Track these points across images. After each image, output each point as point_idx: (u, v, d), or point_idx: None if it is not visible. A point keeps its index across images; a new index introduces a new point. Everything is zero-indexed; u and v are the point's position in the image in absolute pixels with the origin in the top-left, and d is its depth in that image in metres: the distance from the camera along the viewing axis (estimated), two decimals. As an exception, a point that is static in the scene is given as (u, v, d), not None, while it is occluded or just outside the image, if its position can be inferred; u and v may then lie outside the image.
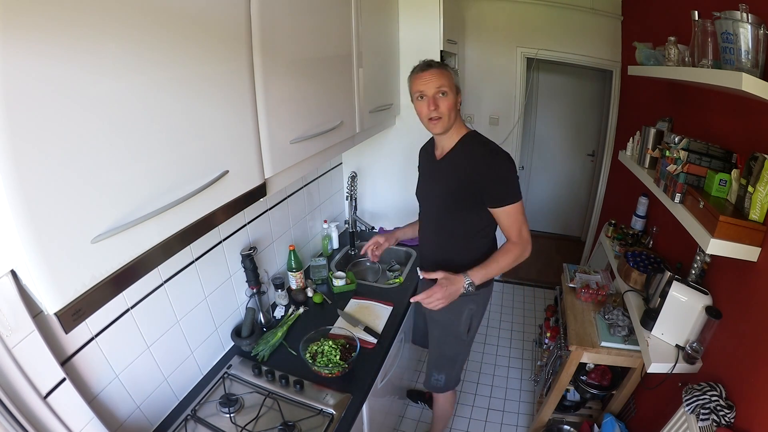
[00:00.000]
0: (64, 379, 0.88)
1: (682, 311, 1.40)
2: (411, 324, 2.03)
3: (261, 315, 1.59)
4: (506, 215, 1.38)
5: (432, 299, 1.34)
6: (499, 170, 1.35)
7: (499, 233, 1.49)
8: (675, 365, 1.38)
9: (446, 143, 1.45)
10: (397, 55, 2.04)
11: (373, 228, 2.40)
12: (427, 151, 1.58)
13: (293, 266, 1.77)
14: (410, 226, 1.78)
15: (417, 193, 1.63)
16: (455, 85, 1.37)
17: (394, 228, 1.84)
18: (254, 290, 1.55)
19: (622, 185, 2.69)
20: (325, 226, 2.17)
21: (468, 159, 1.39)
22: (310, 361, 1.39)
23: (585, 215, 4.19)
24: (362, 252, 1.73)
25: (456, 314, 1.57)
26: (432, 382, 1.74)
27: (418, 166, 1.65)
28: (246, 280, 1.54)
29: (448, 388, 1.77)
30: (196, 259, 1.32)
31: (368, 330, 1.62)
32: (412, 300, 1.41)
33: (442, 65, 1.38)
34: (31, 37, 0.50)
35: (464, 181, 1.39)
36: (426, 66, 1.36)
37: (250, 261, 1.51)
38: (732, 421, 1.14)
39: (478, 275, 1.38)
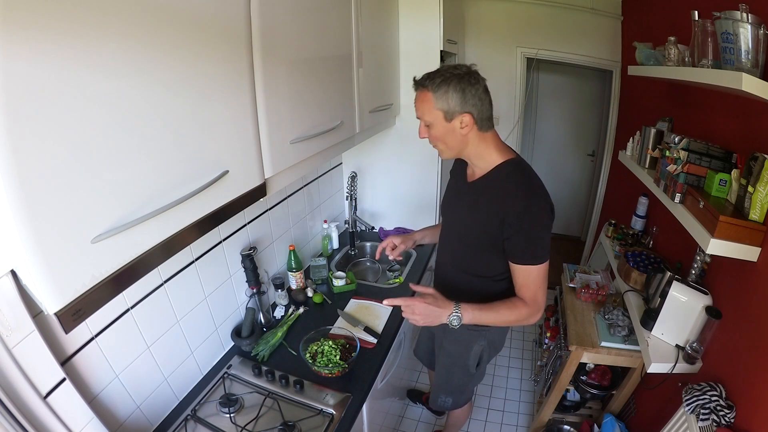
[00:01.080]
0: (64, 379, 0.88)
1: (682, 311, 1.40)
2: (411, 327, 2.03)
3: (261, 315, 1.59)
4: (524, 274, 1.19)
5: (408, 312, 1.17)
6: (532, 224, 1.13)
7: None
8: (675, 365, 1.38)
9: (477, 167, 1.25)
10: (397, 55, 2.04)
11: (373, 228, 2.40)
12: (462, 165, 1.35)
13: (293, 266, 1.77)
14: (430, 230, 1.63)
15: (441, 208, 1.47)
16: (440, 109, 1.11)
17: (411, 231, 1.69)
18: (254, 290, 1.55)
19: (622, 185, 2.69)
20: (325, 226, 2.17)
21: (499, 197, 1.17)
22: (310, 361, 1.39)
23: (585, 215, 4.19)
24: (377, 255, 1.59)
25: (465, 347, 1.47)
26: (439, 403, 1.66)
27: (450, 174, 1.45)
28: (246, 280, 1.54)
29: (457, 407, 1.70)
30: (196, 259, 1.32)
31: (368, 330, 1.62)
32: (386, 303, 1.21)
33: (421, 84, 1.13)
34: (32, 36, 0.50)
35: (488, 221, 1.19)
36: (414, 85, 1.16)
37: (250, 261, 1.51)
38: (732, 421, 1.14)
39: (469, 313, 1.17)
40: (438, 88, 1.11)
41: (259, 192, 1.01)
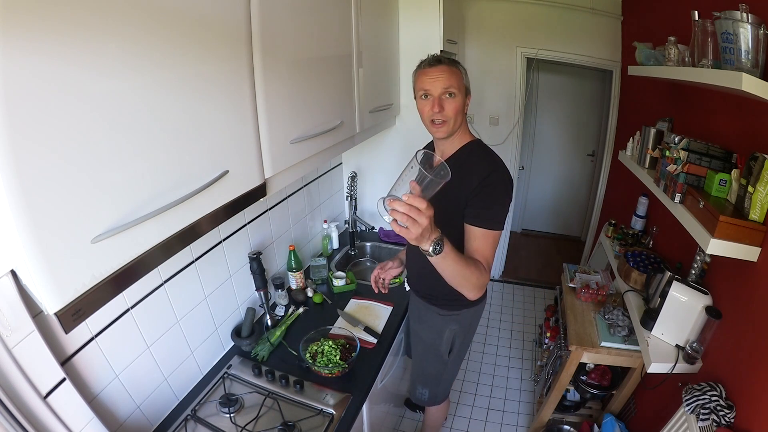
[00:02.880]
0: (64, 379, 0.88)
1: (682, 311, 1.40)
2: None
3: (268, 317, 1.60)
4: (482, 238, 1.19)
5: (403, 216, 0.86)
6: (495, 188, 1.20)
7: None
8: (675, 365, 1.38)
9: (447, 149, 1.33)
10: (397, 55, 2.04)
11: (372, 228, 2.40)
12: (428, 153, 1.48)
13: (293, 266, 1.77)
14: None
15: None
16: (465, 85, 1.25)
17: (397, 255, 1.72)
18: (261, 293, 1.54)
19: (622, 185, 2.69)
20: (325, 226, 2.17)
21: (465, 171, 1.24)
22: (310, 361, 1.39)
23: (585, 215, 4.19)
24: (375, 290, 1.65)
25: (437, 333, 1.52)
26: (417, 395, 1.71)
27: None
28: (254, 283, 1.54)
29: (434, 403, 1.73)
30: (196, 259, 1.32)
31: (368, 330, 1.62)
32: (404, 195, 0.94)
33: (452, 62, 1.25)
34: (32, 36, 0.50)
35: (455, 195, 1.22)
36: (434, 61, 1.23)
37: (257, 264, 1.50)
38: (732, 421, 1.14)
39: (450, 250, 1.01)
40: (464, 69, 1.28)
41: (259, 192, 1.01)
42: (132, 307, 1.10)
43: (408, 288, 1.42)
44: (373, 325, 1.65)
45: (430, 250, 0.98)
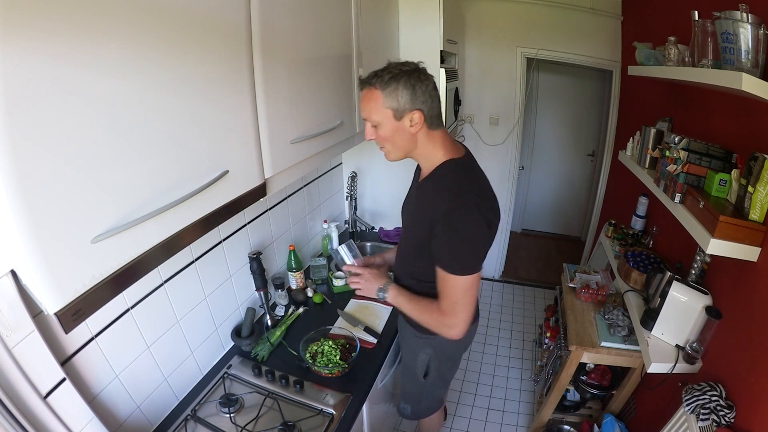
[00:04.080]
0: (64, 379, 0.88)
1: (682, 311, 1.40)
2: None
3: (268, 317, 1.60)
4: (443, 282, 1.11)
5: (354, 279, 1.33)
6: (458, 227, 1.06)
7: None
8: (675, 365, 1.38)
9: (425, 167, 1.20)
10: (397, 55, 2.04)
11: (373, 228, 2.40)
12: (418, 167, 1.31)
13: (293, 266, 1.77)
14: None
15: (402, 208, 1.40)
16: (390, 108, 1.06)
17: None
18: (261, 293, 1.54)
19: (622, 185, 2.69)
20: (325, 226, 2.17)
21: (431, 197, 1.14)
22: (310, 361, 1.39)
23: (585, 215, 4.19)
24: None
25: (412, 353, 1.45)
26: (400, 409, 1.66)
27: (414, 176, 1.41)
28: (254, 283, 1.53)
29: (417, 418, 1.70)
30: (196, 259, 1.32)
31: (368, 330, 1.62)
32: (344, 269, 1.36)
33: (368, 82, 1.08)
34: (32, 36, 0.50)
35: (422, 222, 1.15)
36: (360, 84, 1.11)
37: (257, 264, 1.50)
38: (732, 421, 1.14)
39: (395, 295, 1.24)
40: (387, 86, 1.05)
41: (259, 192, 1.01)
42: (132, 307, 1.10)
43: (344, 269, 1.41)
44: (373, 325, 1.65)
45: (378, 297, 1.27)
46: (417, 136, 1.12)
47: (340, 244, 1.44)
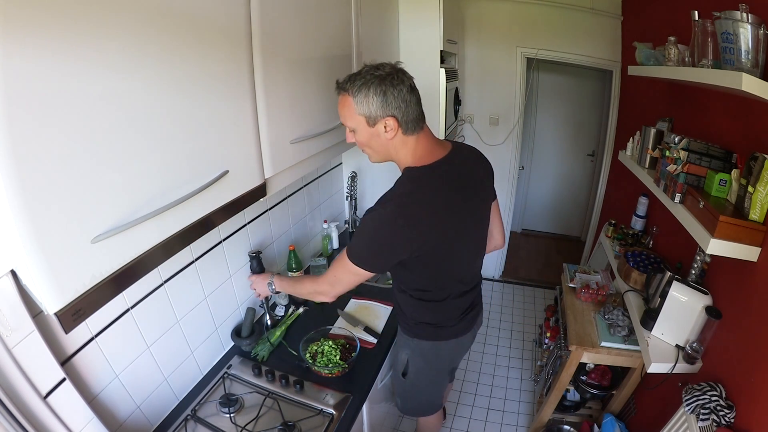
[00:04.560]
0: (64, 379, 0.88)
1: (682, 311, 1.40)
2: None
3: (268, 317, 1.60)
4: (338, 257, 1.18)
5: (253, 283, 1.47)
6: (365, 221, 1.09)
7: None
8: (675, 365, 1.38)
9: (400, 169, 1.20)
10: (397, 55, 2.04)
11: (373, 228, 2.40)
12: None
13: (293, 266, 1.77)
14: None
15: None
16: (362, 115, 1.05)
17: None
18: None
19: (622, 185, 2.69)
20: (325, 226, 2.17)
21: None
22: (310, 361, 1.39)
23: (585, 215, 4.19)
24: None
25: (397, 350, 1.50)
26: (395, 401, 1.66)
27: None
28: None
29: (406, 413, 1.69)
30: (196, 259, 1.32)
31: (368, 330, 1.62)
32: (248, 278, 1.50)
33: (340, 88, 1.08)
34: (33, 35, 0.50)
35: None
36: (336, 86, 1.10)
37: (257, 263, 1.50)
38: (732, 421, 1.14)
39: (279, 281, 1.41)
40: (358, 92, 1.04)
41: (259, 192, 1.01)
42: (132, 307, 1.10)
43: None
44: (373, 325, 1.65)
45: (271, 291, 1.43)
46: (393, 141, 1.10)
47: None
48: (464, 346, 1.47)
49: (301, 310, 1.72)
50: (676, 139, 1.46)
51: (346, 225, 2.31)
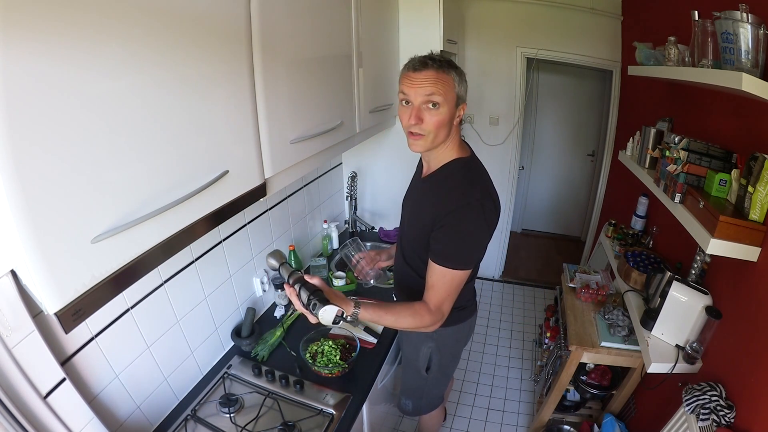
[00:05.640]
0: (64, 379, 0.88)
1: (682, 311, 1.40)
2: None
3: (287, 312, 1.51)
4: (439, 275, 1.10)
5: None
6: (461, 223, 1.07)
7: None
8: (675, 365, 1.38)
9: (431, 162, 1.21)
10: (397, 55, 2.04)
11: (373, 228, 2.40)
12: (421, 161, 1.32)
13: (293, 266, 1.77)
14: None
15: (403, 203, 1.40)
16: (456, 94, 1.08)
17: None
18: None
19: (622, 185, 2.69)
20: (325, 226, 2.17)
21: (438, 194, 1.15)
22: (310, 361, 1.39)
23: (585, 215, 4.19)
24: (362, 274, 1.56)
25: (414, 347, 1.46)
26: (401, 405, 1.67)
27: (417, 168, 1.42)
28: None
29: (417, 414, 1.69)
30: (196, 259, 1.32)
31: (368, 330, 1.62)
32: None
33: (445, 65, 1.07)
34: (32, 36, 0.50)
35: (425, 217, 1.16)
36: (420, 64, 1.07)
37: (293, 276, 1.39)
38: (732, 421, 1.14)
39: (367, 312, 1.07)
40: (459, 74, 1.09)
41: (259, 192, 1.01)
42: (132, 307, 1.10)
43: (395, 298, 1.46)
44: (373, 325, 1.65)
45: (344, 318, 1.02)
46: (456, 128, 1.15)
47: (341, 244, 1.49)
48: (474, 322, 1.51)
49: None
50: (676, 139, 1.46)
51: (346, 225, 2.31)
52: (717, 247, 1.14)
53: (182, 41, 0.72)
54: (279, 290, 1.69)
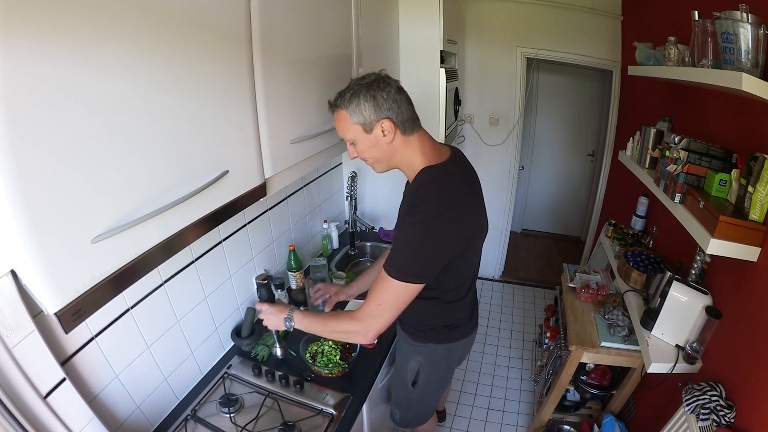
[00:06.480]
0: (64, 379, 0.88)
1: (682, 311, 1.40)
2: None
3: (278, 347, 1.44)
4: (379, 280, 1.09)
5: (261, 315, 1.27)
6: (409, 231, 1.07)
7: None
8: (675, 365, 1.38)
9: (408, 175, 1.19)
10: (397, 55, 2.04)
11: (372, 228, 2.40)
12: None
13: (293, 266, 1.77)
14: (367, 275, 1.58)
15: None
16: (357, 123, 1.07)
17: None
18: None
19: (622, 185, 2.69)
20: (325, 226, 2.17)
21: (410, 206, 1.10)
22: (310, 361, 1.39)
23: (585, 215, 4.19)
24: (314, 298, 1.58)
25: (403, 359, 1.44)
26: (391, 414, 1.65)
27: None
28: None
29: (405, 426, 1.67)
30: (196, 259, 1.32)
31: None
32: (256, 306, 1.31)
33: (334, 105, 1.10)
34: (32, 36, 0.50)
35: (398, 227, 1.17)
36: (329, 107, 1.12)
37: (266, 290, 1.42)
38: (732, 421, 1.14)
39: (301, 318, 1.21)
40: (349, 103, 1.07)
41: (259, 192, 1.01)
42: (132, 307, 1.10)
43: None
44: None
45: (288, 327, 1.23)
46: (393, 144, 1.11)
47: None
48: (470, 344, 1.48)
49: (301, 309, 1.71)
50: (676, 139, 1.46)
51: (346, 225, 2.31)
52: (717, 247, 1.14)
53: (182, 41, 0.72)
54: (278, 290, 1.69)
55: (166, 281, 1.20)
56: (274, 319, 1.25)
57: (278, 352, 1.44)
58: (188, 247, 0.88)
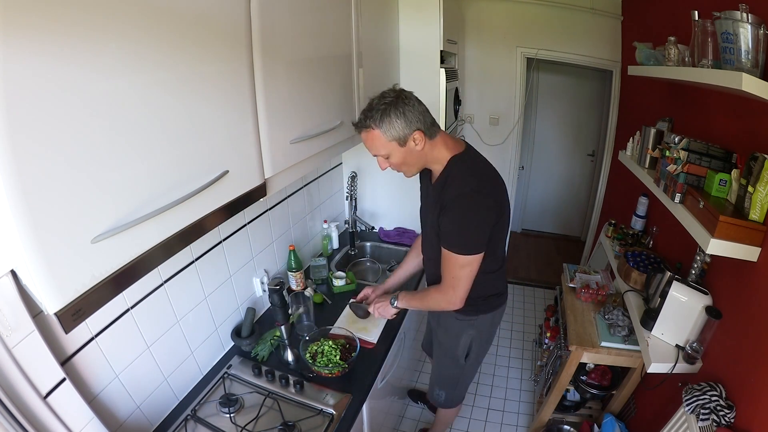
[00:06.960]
0: (64, 379, 0.88)
1: (682, 311, 1.40)
2: (411, 325, 2.03)
3: (289, 351, 1.45)
4: (446, 259, 1.27)
5: (373, 309, 1.55)
6: (463, 209, 1.19)
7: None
8: (675, 365, 1.38)
9: (435, 169, 1.32)
10: (397, 55, 2.04)
11: (372, 228, 2.40)
12: (426, 169, 1.40)
13: (293, 266, 1.77)
14: (398, 271, 1.71)
15: (420, 211, 1.53)
16: (392, 140, 1.17)
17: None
18: (283, 327, 1.46)
19: (622, 185, 2.69)
20: (325, 226, 2.17)
21: (446, 189, 1.25)
22: (310, 361, 1.39)
23: (585, 215, 4.19)
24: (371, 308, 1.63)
25: (454, 338, 1.54)
26: (434, 396, 1.74)
27: (420, 180, 1.48)
28: (274, 316, 1.46)
29: (449, 406, 1.76)
30: (196, 259, 1.32)
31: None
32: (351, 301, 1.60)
33: (363, 125, 1.19)
34: (32, 36, 0.50)
35: (434, 212, 1.29)
36: (355, 128, 1.23)
37: (278, 296, 1.41)
38: (732, 421, 1.14)
39: (404, 300, 1.47)
40: (381, 122, 1.16)
41: (259, 192, 1.01)
42: (132, 307, 1.10)
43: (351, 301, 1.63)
44: (375, 323, 1.65)
45: (396, 308, 1.51)
46: (424, 150, 1.23)
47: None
48: (504, 307, 1.59)
49: (301, 310, 1.72)
50: (676, 139, 1.46)
51: (346, 225, 2.31)
52: (717, 247, 1.14)
53: (182, 41, 0.72)
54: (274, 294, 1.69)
55: (166, 281, 1.20)
56: (385, 308, 1.52)
57: (289, 356, 1.47)
58: (188, 247, 0.88)
